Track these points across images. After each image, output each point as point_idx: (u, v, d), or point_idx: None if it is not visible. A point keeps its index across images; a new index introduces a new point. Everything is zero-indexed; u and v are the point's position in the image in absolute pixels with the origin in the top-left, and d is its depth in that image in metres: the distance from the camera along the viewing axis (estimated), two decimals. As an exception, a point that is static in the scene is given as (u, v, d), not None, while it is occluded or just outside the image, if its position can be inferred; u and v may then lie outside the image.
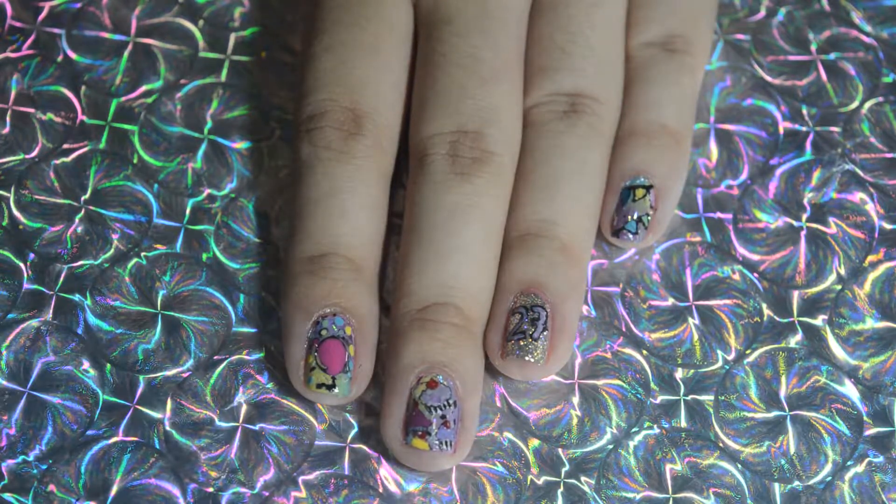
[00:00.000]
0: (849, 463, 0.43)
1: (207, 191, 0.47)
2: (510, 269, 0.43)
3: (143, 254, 0.46)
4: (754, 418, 0.43)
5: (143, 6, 0.50)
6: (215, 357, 0.44)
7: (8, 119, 0.48)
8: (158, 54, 0.49)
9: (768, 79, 0.49)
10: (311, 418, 0.43)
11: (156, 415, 0.43)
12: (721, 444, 0.43)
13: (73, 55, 0.49)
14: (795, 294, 0.45)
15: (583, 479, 0.42)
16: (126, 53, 0.49)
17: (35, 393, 0.43)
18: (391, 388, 0.42)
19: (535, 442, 0.43)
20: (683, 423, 0.43)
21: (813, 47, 0.50)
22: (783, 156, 0.48)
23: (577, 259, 0.44)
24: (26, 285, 0.45)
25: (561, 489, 0.42)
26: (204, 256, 0.46)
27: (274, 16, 0.50)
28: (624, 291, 0.45)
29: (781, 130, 0.48)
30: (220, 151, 0.48)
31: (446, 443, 0.41)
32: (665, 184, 0.45)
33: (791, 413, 0.43)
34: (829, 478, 0.42)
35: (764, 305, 0.45)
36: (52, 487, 0.41)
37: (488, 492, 0.42)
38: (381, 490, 0.42)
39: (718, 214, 0.47)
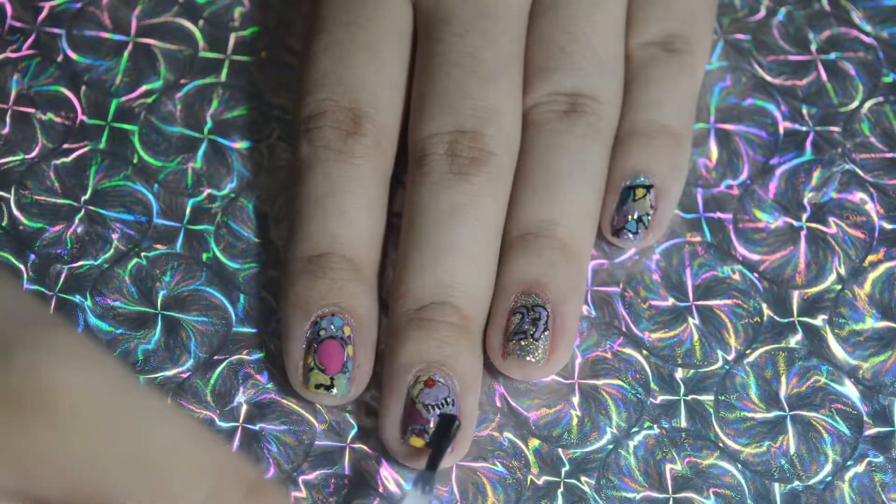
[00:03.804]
0: (849, 463, 0.43)
1: (207, 191, 0.47)
2: (510, 269, 0.43)
3: (143, 254, 0.46)
4: (754, 418, 0.43)
5: (143, 6, 0.50)
6: (215, 357, 0.44)
7: (8, 119, 0.48)
8: (158, 54, 0.49)
9: (768, 79, 0.49)
10: (311, 418, 0.43)
11: (155, 415, 0.43)
12: (721, 444, 0.43)
13: (73, 55, 0.49)
14: (795, 294, 0.45)
15: (583, 479, 0.42)
16: (126, 53, 0.49)
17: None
18: (389, 387, 0.42)
19: (535, 442, 0.43)
20: (683, 423, 0.43)
21: (813, 47, 0.50)
22: (783, 156, 0.48)
23: (577, 259, 0.44)
24: (27, 286, 0.45)
25: (561, 489, 0.42)
26: (204, 256, 0.46)
27: (274, 16, 0.50)
28: (624, 291, 0.45)
29: (781, 130, 0.48)
30: (220, 151, 0.48)
31: (444, 441, 0.41)
32: (665, 183, 0.45)
33: (791, 413, 0.43)
34: (829, 478, 0.42)
35: (764, 305, 0.45)
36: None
37: (488, 492, 0.42)
38: (381, 490, 0.42)
39: (718, 214, 0.47)
